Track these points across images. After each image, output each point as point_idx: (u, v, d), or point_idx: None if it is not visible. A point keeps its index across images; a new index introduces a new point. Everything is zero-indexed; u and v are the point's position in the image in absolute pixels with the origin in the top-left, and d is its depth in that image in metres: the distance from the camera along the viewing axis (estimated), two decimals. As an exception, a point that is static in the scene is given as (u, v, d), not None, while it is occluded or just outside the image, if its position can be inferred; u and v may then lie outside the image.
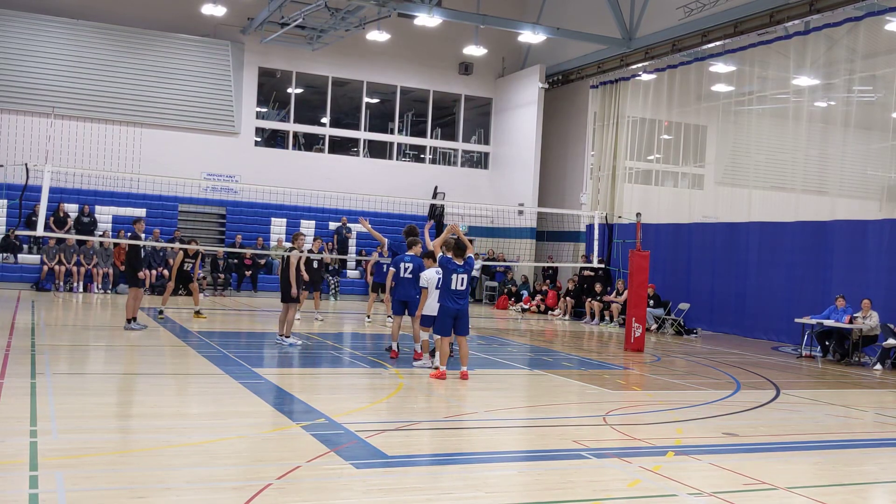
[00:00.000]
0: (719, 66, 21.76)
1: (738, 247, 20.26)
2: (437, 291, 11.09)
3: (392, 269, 13.10)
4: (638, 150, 24.27)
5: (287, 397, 9.14)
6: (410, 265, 12.31)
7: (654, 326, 20.09)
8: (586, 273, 23.15)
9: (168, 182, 23.53)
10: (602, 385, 11.29)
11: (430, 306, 11.23)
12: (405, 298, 12.31)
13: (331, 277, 24.85)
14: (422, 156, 30.55)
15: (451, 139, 30.49)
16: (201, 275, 23.94)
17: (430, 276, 11.39)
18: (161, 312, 16.74)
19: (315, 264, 16.87)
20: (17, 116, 24.15)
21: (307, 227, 26.60)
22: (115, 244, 22.53)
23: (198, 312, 17.25)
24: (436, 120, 30.25)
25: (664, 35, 22.41)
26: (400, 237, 13.40)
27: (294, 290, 13.06)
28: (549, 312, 24.12)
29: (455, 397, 9.99)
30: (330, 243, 25.70)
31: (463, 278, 10.71)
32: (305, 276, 16.44)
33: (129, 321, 14.31)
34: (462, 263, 10.87)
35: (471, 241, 29.20)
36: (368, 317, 18.12)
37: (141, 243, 14.64)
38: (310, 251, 17.93)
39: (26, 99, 24.30)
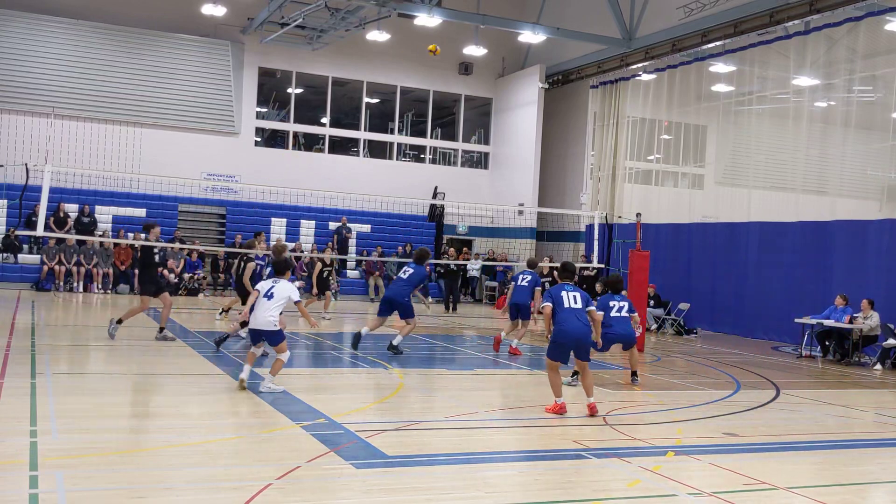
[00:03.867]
0: (719, 66, 21.76)
1: (738, 247, 20.25)
2: (267, 301, 9.20)
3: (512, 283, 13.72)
4: (638, 150, 24.26)
5: (287, 397, 9.13)
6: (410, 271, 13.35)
7: (654, 326, 20.09)
8: (586, 273, 23.14)
9: (168, 182, 23.54)
10: (602, 385, 11.28)
11: (256, 318, 9.26)
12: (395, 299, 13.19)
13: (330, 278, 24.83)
14: (422, 156, 30.56)
15: (451, 139, 30.49)
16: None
17: (263, 286, 9.41)
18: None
19: (325, 273, 17.45)
20: (17, 116, 24.15)
21: (307, 227, 26.65)
22: (116, 244, 22.55)
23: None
24: (436, 120, 30.25)
25: (664, 35, 22.41)
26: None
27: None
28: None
29: (455, 397, 9.99)
30: (330, 243, 25.69)
31: (575, 296, 9.00)
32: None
33: (161, 329, 13.59)
34: (572, 282, 9.41)
35: (471, 241, 29.51)
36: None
37: (156, 245, 13.88)
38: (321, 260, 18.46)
39: (26, 99, 24.30)
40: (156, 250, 13.57)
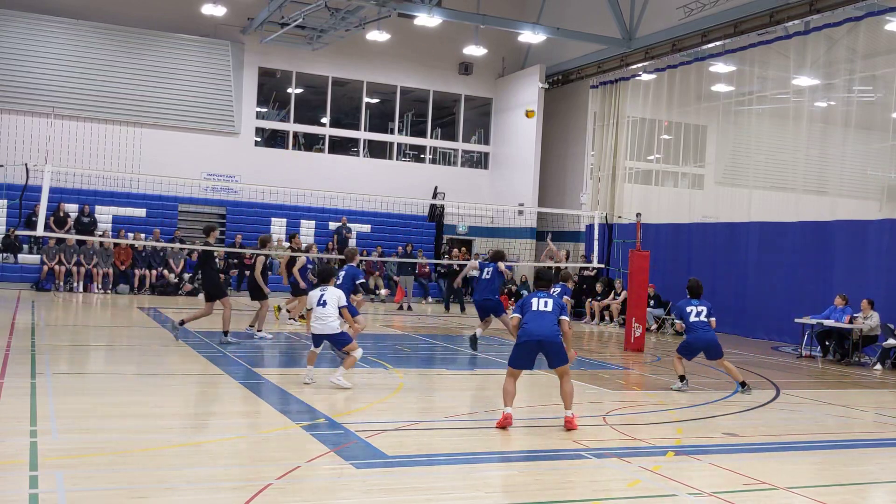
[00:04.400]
0: (719, 66, 21.76)
1: (738, 247, 20.24)
2: (323, 308, 9.82)
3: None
4: (638, 150, 24.26)
5: (287, 397, 9.13)
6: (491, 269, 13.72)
7: (654, 326, 20.09)
8: (586, 273, 23.15)
9: (168, 182, 23.54)
10: (602, 385, 11.29)
11: (317, 325, 9.91)
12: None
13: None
14: (422, 156, 30.56)
15: (451, 139, 30.49)
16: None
17: (314, 296, 10.03)
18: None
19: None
20: (17, 116, 24.15)
21: (307, 227, 26.63)
22: (116, 244, 22.55)
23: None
24: (436, 120, 30.25)
25: (664, 35, 22.41)
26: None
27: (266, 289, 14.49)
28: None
29: (455, 397, 9.99)
30: (330, 243, 25.71)
31: (546, 301, 8.34)
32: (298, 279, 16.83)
33: (225, 333, 13.51)
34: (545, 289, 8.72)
35: (471, 241, 29.48)
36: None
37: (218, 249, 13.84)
38: (291, 249, 18.45)
39: (26, 99, 24.30)
40: (216, 253, 13.71)
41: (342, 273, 12.02)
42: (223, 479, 5.96)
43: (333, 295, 9.99)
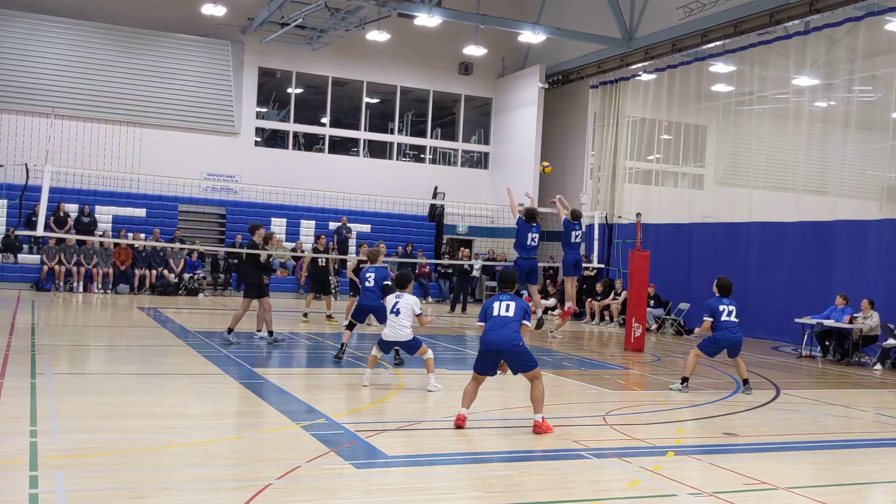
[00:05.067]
0: (719, 66, 21.76)
1: (738, 247, 20.23)
2: (396, 317, 9.80)
3: None
4: (638, 150, 24.25)
5: (287, 397, 9.13)
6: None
7: (654, 326, 20.09)
8: (586, 273, 23.13)
9: (168, 182, 23.56)
10: (602, 385, 11.29)
11: (389, 332, 9.89)
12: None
13: (331, 277, 24.85)
14: (422, 156, 30.56)
15: (451, 139, 30.49)
16: (200, 275, 23.96)
17: (389, 301, 10.02)
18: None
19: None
20: (17, 116, 24.14)
21: (307, 227, 26.64)
22: (116, 244, 22.56)
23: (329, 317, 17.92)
24: (436, 120, 30.25)
25: (664, 35, 22.41)
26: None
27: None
28: (550, 312, 24.08)
29: (455, 397, 9.97)
30: (331, 243, 25.70)
31: (509, 305, 8.10)
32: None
33: (270, 333, 13.67)
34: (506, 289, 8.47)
35: (471, 241, 29.47)
36: None
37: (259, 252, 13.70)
38: (315, 249, 18.34)
39: (26, 99, 24.30)
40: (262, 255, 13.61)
41: (370, 275, 11.68)
42: (223, 479, 5.96)
43: (408, 303, 9.82)
